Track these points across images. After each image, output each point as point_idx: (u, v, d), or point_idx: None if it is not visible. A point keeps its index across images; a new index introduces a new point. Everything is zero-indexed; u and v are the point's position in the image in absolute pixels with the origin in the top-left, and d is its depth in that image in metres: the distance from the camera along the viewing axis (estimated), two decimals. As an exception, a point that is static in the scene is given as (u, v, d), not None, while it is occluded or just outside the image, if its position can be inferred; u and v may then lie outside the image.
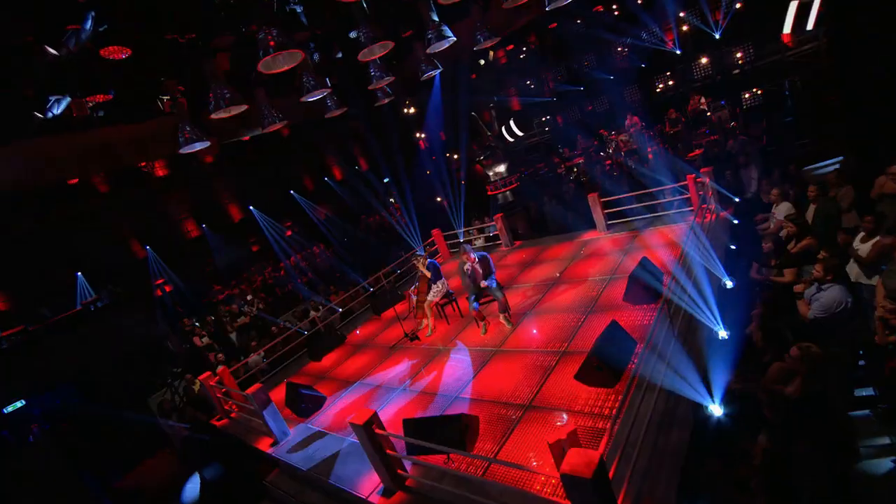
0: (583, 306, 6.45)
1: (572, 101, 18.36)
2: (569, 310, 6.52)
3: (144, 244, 13.28)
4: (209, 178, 16.41)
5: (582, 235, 9.45)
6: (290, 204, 19.49)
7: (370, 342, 8.45)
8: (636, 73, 15.35)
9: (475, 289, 6.77)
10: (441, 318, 7.85)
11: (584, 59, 17.07)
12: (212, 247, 15.08)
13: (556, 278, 7.83)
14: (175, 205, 15.14)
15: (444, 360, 6.55)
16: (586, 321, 6.04)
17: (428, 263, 7.61)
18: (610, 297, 6.45)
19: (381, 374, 6.96)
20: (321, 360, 8.33)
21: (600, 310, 6.19)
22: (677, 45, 14.17)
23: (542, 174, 17.46)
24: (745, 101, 13.24)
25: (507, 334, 6.54)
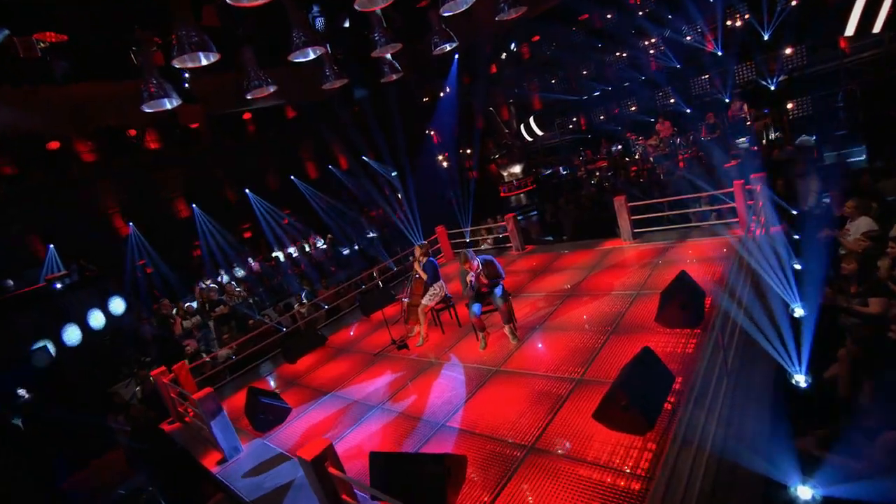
0: (604, 325, 5.52)
1: (598, 101, 17.43)
2: (586, 328, 5.60)
3: (128, 220, 12.58)
4: (205, 155, 15.71)
5: (603, 244, 8.63)
6: (291, 190, 18.76)
7: (353, 346, 7.64)
8: (671, 75, 14.36)
9: (477, 297, 5.85)
10: (435, 326, 7.00)
11: (614, 56, 16.13)
12: (201, 230, 14.34)
13: (572, 290, 6.92)
14: (166, 181, 14.46)
15: (433, 376, 5.66)
16: (608, 343, 5.10)
17: (426, 262, 6.74)
18: (637, 316, 5.51)
19: (360, 386, 6.09)
20: (296, 362, 7.51)
21: (625, 331, 5.26)
22: (719, 45, 13.17)
23: (560, 177, 16.56)
24: (792, 110, 12.20)
25: (510, 351, 5.63)
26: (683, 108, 14.47)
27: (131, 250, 12.00)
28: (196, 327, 9.54)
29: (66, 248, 11.23)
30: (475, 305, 5.77)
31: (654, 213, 8.53)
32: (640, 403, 3.40)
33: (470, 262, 5.73)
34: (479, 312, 5.75)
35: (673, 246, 7.45)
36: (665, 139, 13.01)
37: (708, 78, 14.10)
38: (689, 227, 7.82)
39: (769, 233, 6.22)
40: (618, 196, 8.28)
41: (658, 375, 3.67)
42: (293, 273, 14.34)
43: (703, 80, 14.35)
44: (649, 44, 14.90)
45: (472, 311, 5.74)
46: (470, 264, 5.73)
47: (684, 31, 13.92)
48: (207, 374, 7.46)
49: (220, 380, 7.75)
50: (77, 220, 11.97)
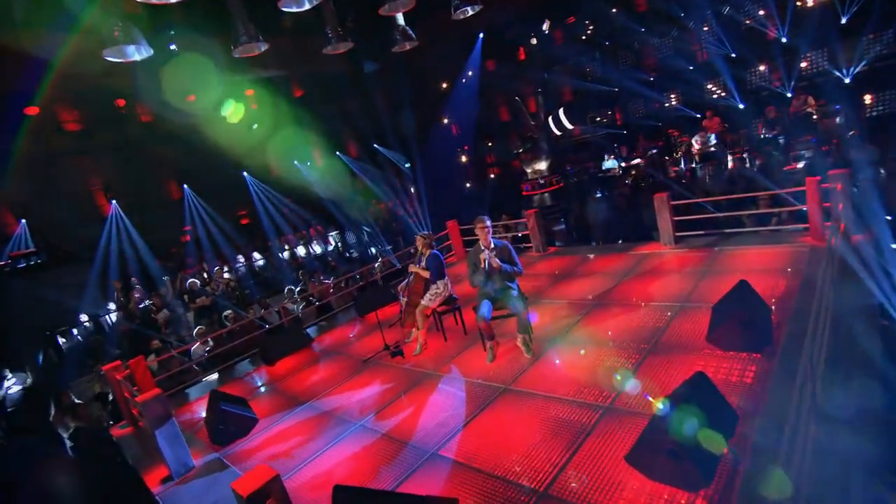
0: (639, 341, 4.84)
1: (637, 93, 16.63)
2: (618, 343, 4.92)
3: (111, 198, 12.27)
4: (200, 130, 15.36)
5: (638, 248, 8.01)
6: (294, 175, 18.33)
7: (342, 350, 7.13)
8: (724, 64, 13.48)
9: (487, 291, 5.20)
10: (436, 332, 6.40)
11: (658, 42, 15.31)
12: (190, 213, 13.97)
13: (601, 298, 6.24)
14: (157, 158, 14.14)
15: (429, 391, 5.04)
16: (644, 364, 4.41)
17: (429, 256, 6.12)
18: (681, 333, 4.81)
19: (342, 396, 5.51)
20: (275, 364, 6.97)
21: (665, 350, 4.56)
22: (784, 29, 12.22)
23: (591, 174, 15.82)
24: (870, 106, 11.23)
25: (523, 367, 4.98)
26: (736, 102, 13.59)
27: (109, 230, 11.64)
28: (167, 321, 9.07)
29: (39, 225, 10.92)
30: (484, 305, 5.11)
31: (700, 214, 7.78)
32: (692, 449, 2.71)
33: (484, 227, 5.11)
34: (488, 315, 5.09)
35: (723, 253, 6.72)
36: (711, 137, 12.17)
37: (768, 68, 13.17)
38: (745, 232, 7.06)
39: (851, 241, 5.43)
40: (659, 192, 7.56)
41: (716, 412, 2.97)
42: (291, 265, 13.89)
43: (762, 71, 13.42)
44: (700, 28, 14.03)
45: (479, 312, 5.08)
46: (484, 233, 5.11)
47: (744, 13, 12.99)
48: (173, 372, 6.95)
49: (191, 379, 7.24)
50: (55, 193, 11.68)
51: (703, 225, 7.76)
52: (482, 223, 5.18)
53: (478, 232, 5.21)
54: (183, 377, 7.11)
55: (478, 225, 5.21)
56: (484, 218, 5.20)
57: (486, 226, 5.16)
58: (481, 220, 5.21)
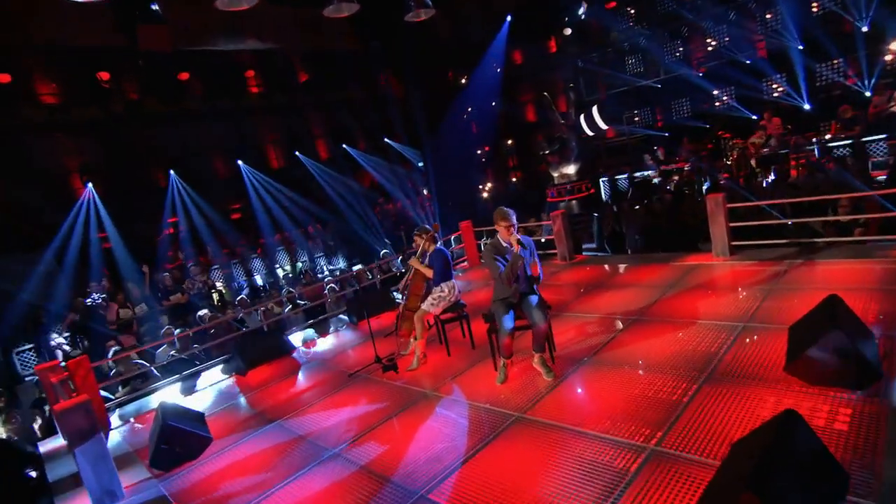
0: (690, 367, 4.17)
1: (683, 89, 15.95)
2: (662, 367, 4.25)
3: (86, 181, 11.95)
4: (195, 114, 15.12)
5: (683, 258, 7.46)
6: (295, 167, 18.03)
7: (326, 360, 6.67)
8: (789, 57, 12.69)
9: (508, 297, 4.55)
10: (439, 344, 5.81)
11: (710, 33, 14.61)
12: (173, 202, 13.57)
13: (639, 313, 5.63)
14: (142, 141, 13.86)
15: (424, 415, 4.43)
16: (698, 396, 3.72)
17: (433, 252, 5.55)
18: (745, 358, 4.13)
19: (319, 415, 4.95)
20: (247, 373, 6.43)
21: (726, 379, 3.88)
22: (867, 17, 11.34)
23: (627, 179, 15.16)
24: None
25: (541, 391, 4.34)
26: (801, 102, 12.80)
27: (77, 216, 11.23)
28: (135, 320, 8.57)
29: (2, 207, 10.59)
30: (508, 316, 4.43)
31: (763, 219, 7.08)
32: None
33: (509, 221, 4.34)
34: (511, 327, 4.40)
35: (794, 267, 6.00)
36: (771, 138, 11.42)
37: (842, 62, 12.31)
38: (821, 243, 6.34)
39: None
40: (713, 193, 6.90)
41: (817, 468, 2.28)
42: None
43: (835, 65, 12.56)
44: (761, 14, 13.25)
45: (503, 325, 4.39)
46: (507, 225, 4.35)
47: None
48: (129, 376, 6.41)
49: (147, 386, 6.71)
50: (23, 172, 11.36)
51: (765, 233, 7.07)
52: (505, 220, 4.37)
53: (499, 230, 4.46)
54: (141, 383, 6.57)
55: (499, 221, 4.41)
56: (507, 212, 4.40)
57: (512, 223, 4.36)
58: (504, 213, 4.40)
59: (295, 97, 18.25)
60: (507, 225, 4.38)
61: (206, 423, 4.72)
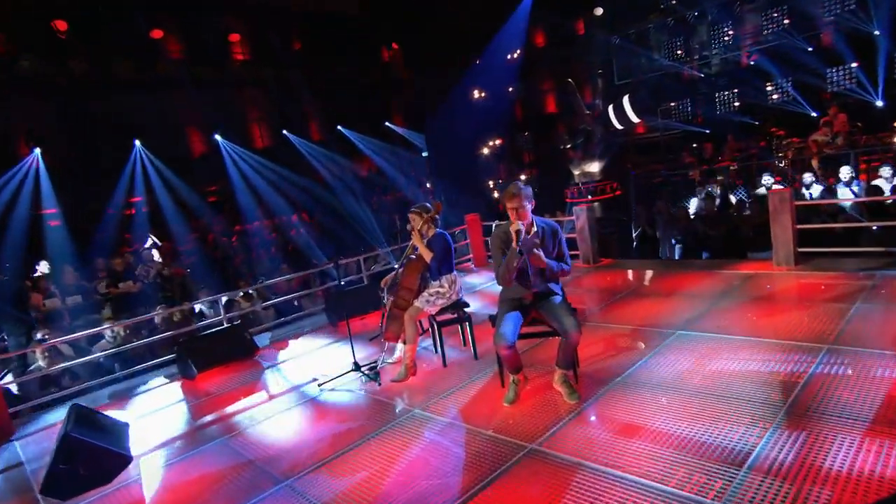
0: (759, 397, 3.55)
1: (730, 79, 15.36)
2: (721, 396, 3.64)
3: (33, 145, 11.32)
4: (169, 80, 14.62)
5: (735, 266, 6.95)
6: (283, 148, 17.57)
7: (295, 365, 6.12)
8: (862, 44, 12.01)
9: (515, 295, 3.94)
10: (432, 352, 5.30)
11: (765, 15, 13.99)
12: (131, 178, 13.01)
13: (685, 326, 5.06)
14: (102, 104, 13.32)
15: (408, 440, 3.84)
16: (776, 438, 3.06)
17: (433, 236, 4.99)
18: (837, 390, 3.48)
19: (275, 434, 4.40)
20: (195, 377, 5.84)
21: (816, 413, 3.23)
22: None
23: (662, 177, 14.61)
24: None
25: (561, 417, 3.74)
26: (872, 98, 12.16)
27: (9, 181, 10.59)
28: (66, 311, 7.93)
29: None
30: (509, 319, 3.84)
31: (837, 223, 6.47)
32: None
33: (513, 202, 3.79)
34: (513, 335, 3.78)
35: (887, 280, 5.37)
36: (836, 136, 10.80)
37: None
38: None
39: None
40: (777, 188, 6.31)
41: None
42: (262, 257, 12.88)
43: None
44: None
45: (500, 329, 3.78)
46: (512, 209, 3.80)
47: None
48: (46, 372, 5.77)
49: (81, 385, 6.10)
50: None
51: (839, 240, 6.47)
52: (511, 200, 3.81)
53: (509, 210, 3.85)
54: (69, 383, 5.96)
55: (508, 200, 3.82)
56: (514, 190, 3.83)
57: (516, 206, 3.77)
58: (509, 193, 3.84)
59: (286, 70, 17.81)
60: (512, 207, 3.81)
61: (129, 436, 4.07)
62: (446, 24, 19.80)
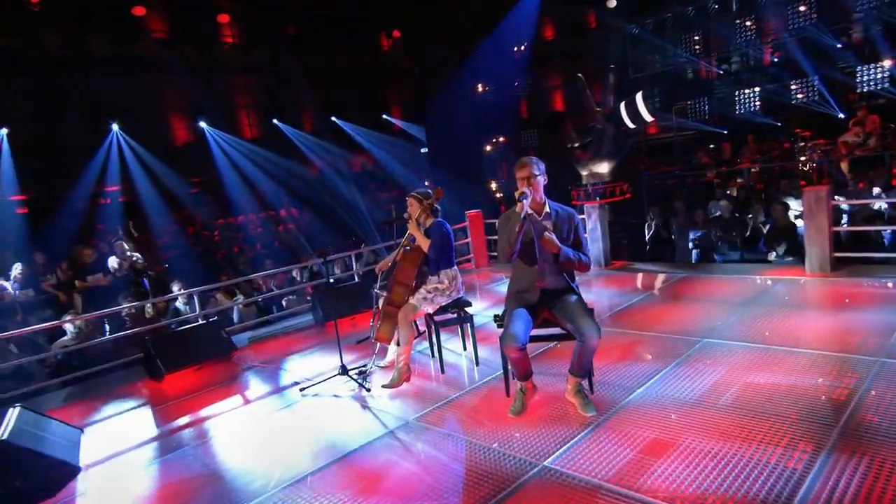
0: (806, 414, 3.27)
1: (751, 76, 15.15)
2: (759, 412, 3.37)
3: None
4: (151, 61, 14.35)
5: (762, 271, 6.81)
6: (273, 138, 17.32)
7: (275, 368, 5.74)
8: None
9: (524, 292, 3.66)
10: (428, 356, 5.06)
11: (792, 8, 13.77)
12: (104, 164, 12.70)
13: (710, 333, 4.80)
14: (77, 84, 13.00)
15: (399, 454, 3.58)
16: (832, 464, 2.76)
17: (431, 225, 4.71)
18: (890, 408, 3.16)
19: (248, 443, 4.10)
20: (163, 378, 5.53)
21: (878, 440, 2.91)
22: None
23: (677, 178, 14.41)
24: None
25: (574, 431, 3.44)
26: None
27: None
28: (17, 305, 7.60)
29: None
30: (518, 317, 3.54)
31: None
32: None
33: (524, 171, 3.56)
34: (524, 335, 3.48)
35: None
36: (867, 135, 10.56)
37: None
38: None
39: None
40: (811, 185, 6.06)
41: None
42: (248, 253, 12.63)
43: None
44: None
45: (508, 328, 3.49)
46: (521, 178, 3.57)
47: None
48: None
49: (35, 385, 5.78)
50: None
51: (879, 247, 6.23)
52: (521, 170, 3.59)
53: (519, 182, 3.59)
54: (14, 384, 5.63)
55: (518, 170, 3.61)
56: (525, 160, 3.63)
57: (527, 175, 3.55)
58: (521, 163, 3.63)
59: (278, 55, 17.56)
60: (522, 178, 3.58)
61: (81, 443, 3.75)
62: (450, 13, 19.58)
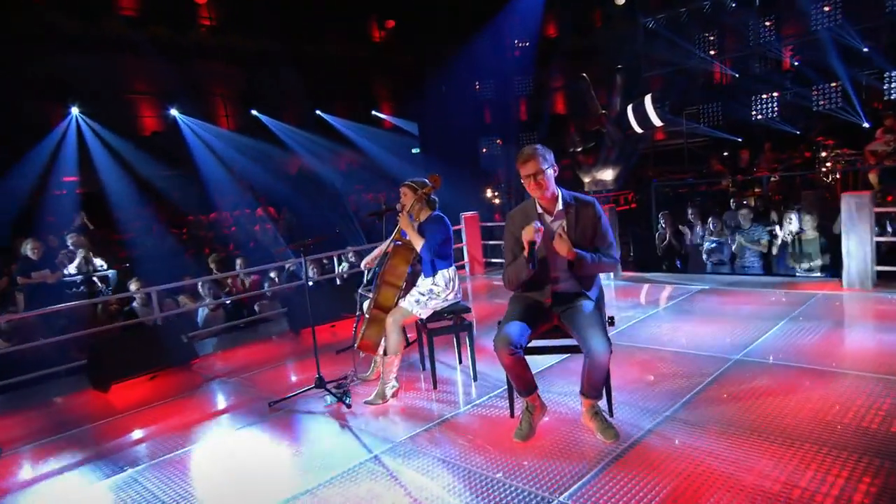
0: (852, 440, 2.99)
1: (769, 80, 15.13)
2: (802, 437, 3.08)
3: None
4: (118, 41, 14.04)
5: (794, 285, 6.66)
6: (251, 131, 17.11)
7: (243, 378, 5.40)
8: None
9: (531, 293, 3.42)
10: (418, 370, 4.87)
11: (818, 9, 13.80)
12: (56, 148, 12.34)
13: (740, 349, 4.58)
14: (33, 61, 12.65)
15: (385, 484, 3.22)
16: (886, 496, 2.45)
17: (427, 219, 4.45)
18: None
19: (201, 466, 3.73)
20: (108, 389, 5.19)
21: None
22: None
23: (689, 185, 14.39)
24: None
25: (590, 462, 3.10)
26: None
27: None
28: None
29: None
30: (521, 315, 3.29)
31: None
32: None
33: (536, 160, 3.23)
34: (521, 338, 3.17)
35: None
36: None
37: None
38: None
39: None
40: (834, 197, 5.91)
41: None
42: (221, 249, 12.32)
43: None
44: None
45: (502, 330, 3.21)
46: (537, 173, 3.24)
47: None
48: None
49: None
50: None
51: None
52: (531, 157, 3.24)
53: (524, 180, 3.32)
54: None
55: (521, 166, 3.29)
56: (536, 152, 3.26)
57: (532, 172, 3.23)
58: (529, 152, 3.28)
59: (260, 41, 17.34)
60: (527, 175, 3.28)
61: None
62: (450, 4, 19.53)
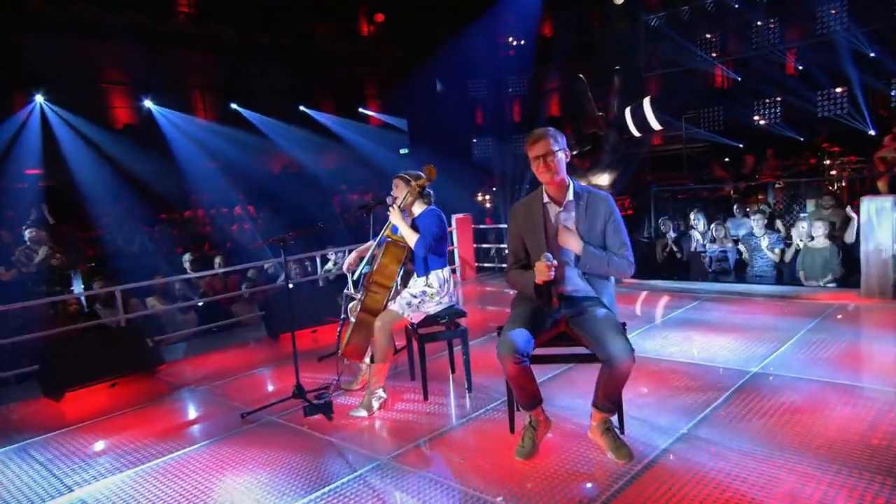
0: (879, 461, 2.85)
1: (772, 84, 15.21)
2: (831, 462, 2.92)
3: None
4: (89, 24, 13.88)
5: (807, 295, 6.63)
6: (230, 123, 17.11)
7: (214, 387, 5.19)
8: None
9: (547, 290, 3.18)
10: (408, 380, 4.68)
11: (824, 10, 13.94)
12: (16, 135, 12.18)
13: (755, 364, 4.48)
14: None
15: None
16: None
17: (424, 214, 4.28)
18: None
19: (161, 485, 3.44)
20: (62, 397, 4.98)
21: None
22: None
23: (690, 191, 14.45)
24: None
25: (602, 485, 2.93)
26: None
27: None
28: None
29: None
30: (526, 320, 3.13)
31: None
32: None
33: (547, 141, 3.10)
34: (526, 344, 2.99)
35: None
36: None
37: None
38: None
39: None
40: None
41: None
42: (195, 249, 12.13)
43: None
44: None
45: (505, 335, 3.04)
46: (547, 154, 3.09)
47: None
48: None
49: None
50: None
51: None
52: (542, 138, 3.12)
53: (533, 162, 3.17)
54: None
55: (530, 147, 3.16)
56: (547, 133, 3.15)
57: (551, 148, 3.08)
58: (539, 133, 3.16)
59: (243, 30, 17.27)
60: (536, 157, 3.14)
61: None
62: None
